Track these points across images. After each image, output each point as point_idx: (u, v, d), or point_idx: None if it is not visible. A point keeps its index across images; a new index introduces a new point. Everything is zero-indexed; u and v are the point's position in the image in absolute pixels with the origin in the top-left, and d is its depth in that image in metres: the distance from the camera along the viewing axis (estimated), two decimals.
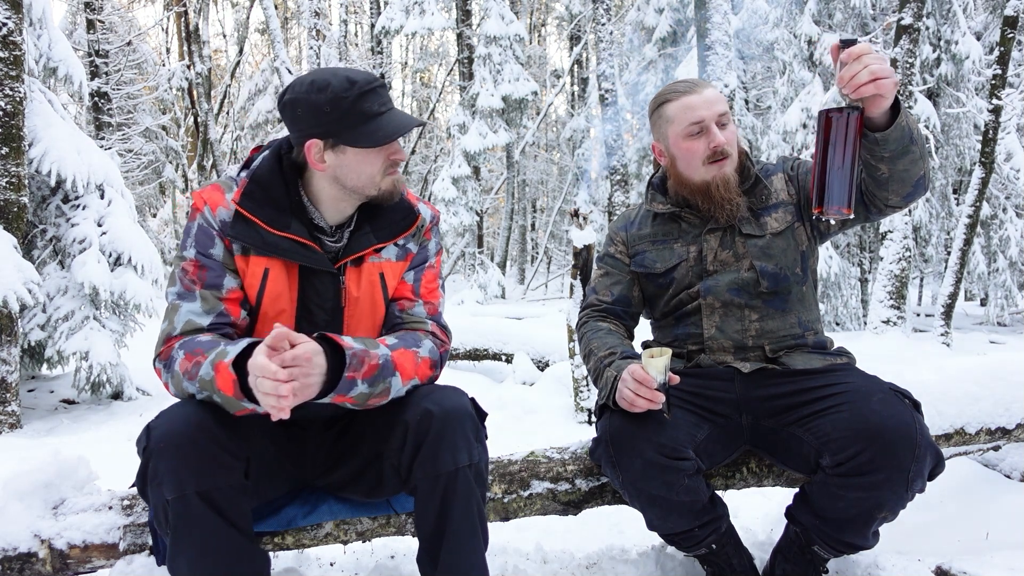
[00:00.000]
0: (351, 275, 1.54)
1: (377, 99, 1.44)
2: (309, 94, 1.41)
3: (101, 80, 12.94)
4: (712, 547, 1.76)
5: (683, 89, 1.76)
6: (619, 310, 1.91)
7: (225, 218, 1.47)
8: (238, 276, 1.48)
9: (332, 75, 1.43)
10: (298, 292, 1.50)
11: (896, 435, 1.47)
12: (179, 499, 1.29)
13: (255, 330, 1.52)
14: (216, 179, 1.62)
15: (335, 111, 1.40)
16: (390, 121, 1.45)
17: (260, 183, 1.49)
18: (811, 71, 9.86)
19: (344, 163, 1.46)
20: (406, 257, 1.62)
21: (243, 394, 1.30)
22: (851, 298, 10.51)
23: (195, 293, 1.45)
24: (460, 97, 15.14)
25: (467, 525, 1.42)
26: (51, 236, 4.74)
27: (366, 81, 1.43)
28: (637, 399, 1.56)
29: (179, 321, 1.44)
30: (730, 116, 1.76)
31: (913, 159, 1.52)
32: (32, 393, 5.06)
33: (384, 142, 1.43)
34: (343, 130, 1.42)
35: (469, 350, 5.97)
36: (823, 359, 1.74)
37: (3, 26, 4.17)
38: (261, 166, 1.51)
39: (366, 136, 1.42)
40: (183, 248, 1.48)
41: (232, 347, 1.34)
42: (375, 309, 1.58)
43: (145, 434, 1.35)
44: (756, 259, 1.75)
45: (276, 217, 1.47)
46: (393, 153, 1.49)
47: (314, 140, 1.44)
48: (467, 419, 1.46)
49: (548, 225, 21.54)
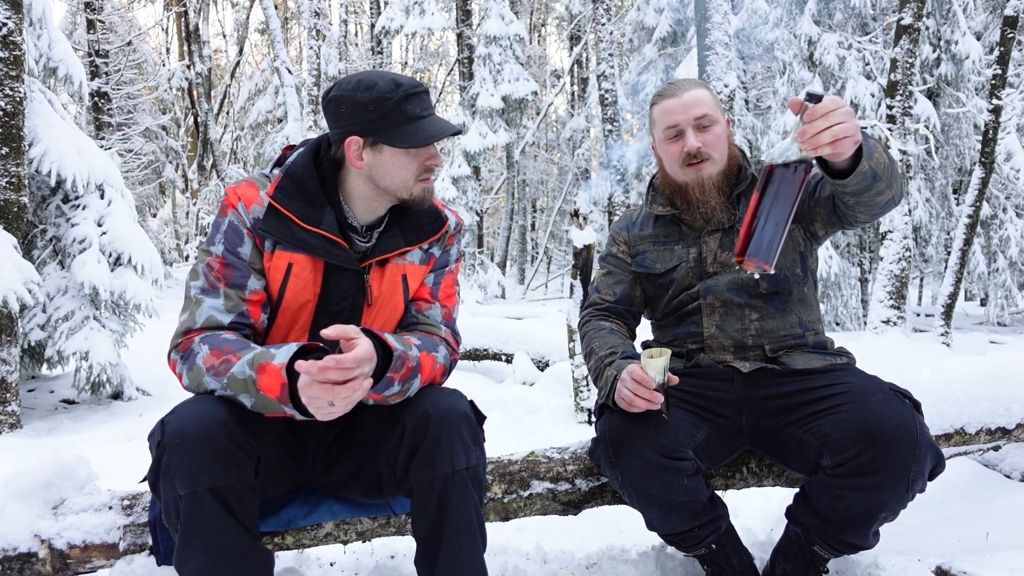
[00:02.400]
0: (374, 275, 1.56)
1: (420, 103, 1.47)
2: (355, 92, 1.44)
3: (101, 80, 12.94)
4: (712, 547, 1.76)
5: (666, 92, 1.79)
6: (621, 309, 1.91)
7: (258, 215, 1.49)
8: (263, 277, 1.49)
9: (380, 77, 1.46)
10: (321, 288, 1.51)
11: (896, 435, 1.47)
12: (191, 495, 1.29)
13: (275, 323, 1.52)
14: (249, 175, 1.64)
15: (378, 110, 1.43)
16: (431, 125, 1.47)
17: (294, 177, 1.50)
18: (811, 71, 9.87)
19: (380, 163, 1.48)
20: (428, 261, 1.64)
21: (289, 398, 1.31)
22: (851, 298, 10.51)
23: (219, 291, 1.46)
24: (460, 97, 15.14)
25: (465, 528, 1.42)
26: (51, 236, 4.75)
27: (411, 85, 1.47)
28: (635, 399, 1.56)
29: (200, 316, 1.44)
30: (715, 118, 1.75)
31: (878, 191, 1.52)
32: (32, 393, 5.06)
33: (423, 144, 1.46)
34: (384, 129, 1.45)
35: (469, 350, 5.97)
36: (823, 359, 1.74)
37: (3, 26, 4.17)
38: (296, 162, 1.53)
39: (406, 137, 1.45)
40: (211, 243, 1.48)
41: (278, 350, 1.34)
42: (394, 310, 1.60)
43: (159, 428, 1.35)
44: None
45: (309, 212, 1.48)
46: (429, 158, 1.51)
47: (354, 137, 1.46)
48: (464, 422, 1.45)
49: (548, 225, 21.55)
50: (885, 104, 7.76)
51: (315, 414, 1.29)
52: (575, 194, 18.51)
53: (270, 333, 1.55)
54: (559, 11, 20.48)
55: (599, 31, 10.06)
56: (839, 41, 9.62)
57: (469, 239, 14.42)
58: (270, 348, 1.36)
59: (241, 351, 1.37)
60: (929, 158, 9.85)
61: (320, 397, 1.25)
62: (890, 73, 7.57)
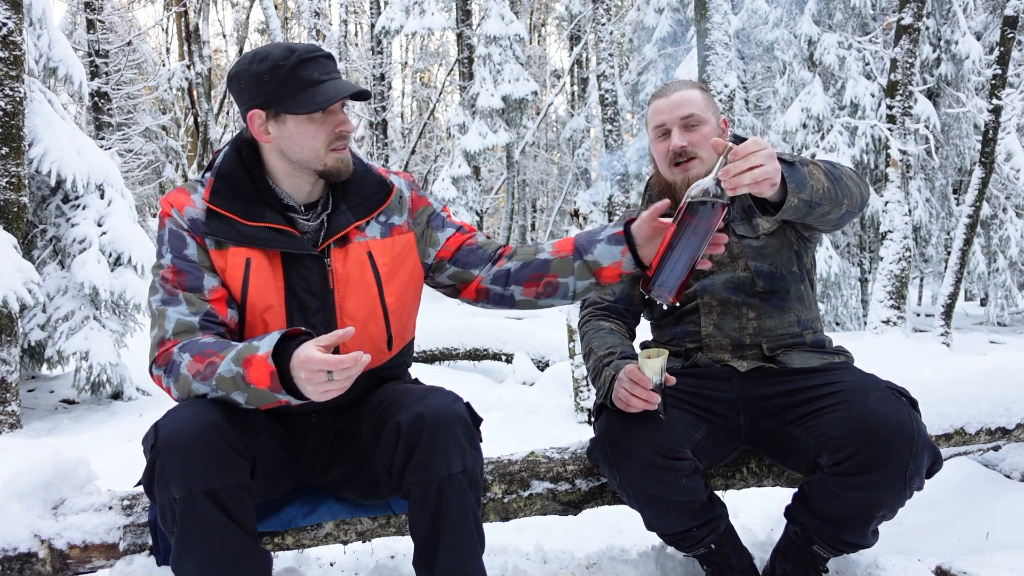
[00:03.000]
0: (337, 256, 1.53)
1: (318, 67, 1.43)
2: (251, 64, 1.42)
3: (101, 80, 12.94)
4: (711, 547, 1.75)
5: (658, 93, 1.81)
6: (621, 308, 1.92)
7: (195, 216, 1.47)
8: (216, 274, 1.47)
9: (275, 46, 1.44)
10: (284, 280, 1.49)
11: (893, 433, 1.47)
12: (186, 498, 1.28)
13: (246, 324, 1.50)
14: (182, 183, 1.64)
15: (274, 79, 1.40)
16: (330, 88, 1.42)
17: (225, 179, 1.49)
18: (811, 71, 9.87)
19: (287, 134, 1.45)
20: (392, 232, 1.60)
21: (281, 385, 1.29)
22: (851, 298, 10.51)
23: (179, 296, 1.44)
24: (460, 97, 15.14)
25: (462, 530, 1.41)
26: (51, 236, 4.75)
27: (306, 50, 1.43)
28: (632, 399, 1.56)
29: (169, 324, 1.43)
30: (703, 118, 1.74)
31: (823, 213, 1.55)
32: (32, 393, 5.06)
33: (322, 106, 1.41)
34: (282, 98, 1.41)
35: (469, 350, 5.98)
36: (820, 358, 1.74)
37: (3, 26, 4.17)
38: (224, 163, 1.52)
39: (304, 102, 1.41)
40: (159, 256, 1.48)
41: (260, 341, 1.33)
42: (367, 289, 1.54)
43: (153, 432, 1.34)
44: (751, 259, 1.77)
45: (248, 210, 1.47)
46: (339, 125, 1.47)
47: (256, 110, 1.44)
48: (460, 424, 1.43)
49: (548, 225, 21.54)
50: (885, 104, 7.77)
51: (312, 395, 1.27)
52: (575, 194, 18.51)
53: (244, 335, 1.52)
54: (559, 11, 20.47)
55: (599, 31, 10.05)
56: (839, 41, 9.61)
57: None
58: (252, 341, 1.35)
59: (223, 351, 1.36)
60: (929, 158, 9.85)
61: (319, 372, 1.24)
62: (890, 73, 7.57)
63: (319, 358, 1.24)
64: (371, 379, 1.61)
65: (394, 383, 1.66)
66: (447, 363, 6.11)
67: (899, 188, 7.54)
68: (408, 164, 20.90)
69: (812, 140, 9.28)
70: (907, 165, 7.51)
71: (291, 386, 1.29)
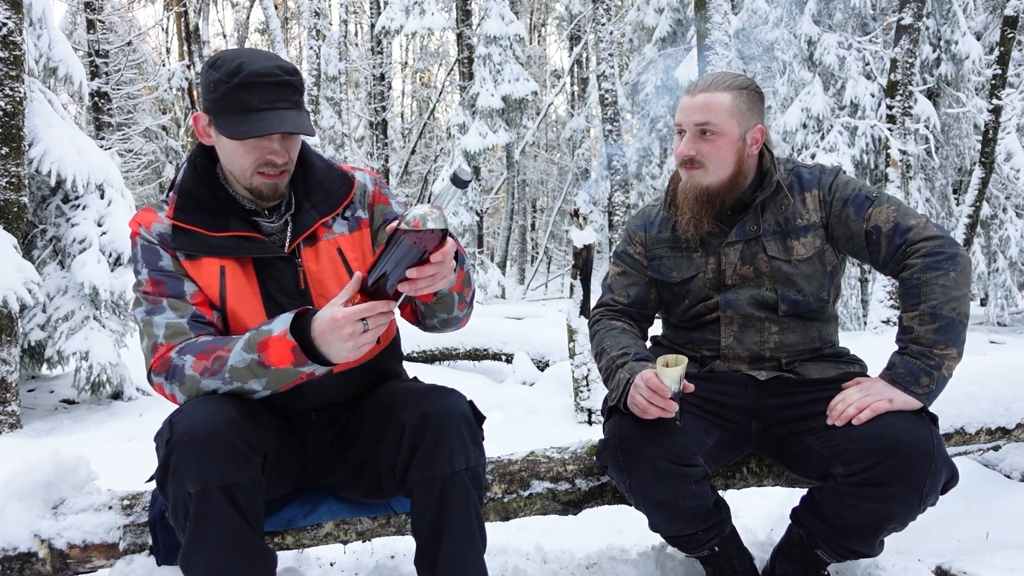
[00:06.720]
0: (308, 256, 1.53)
1: (261, 94, 1.36)
2: (209, 69, 1.41)
3: (101, 80, 12.93)
4: (715, 549, 1.75)
5: (690, 87, 1.73)
6: (635, 312, 1.87)
7: (163, 231, 1.48)
8: (194, 282, 1.48)
9: (233, 58, 1.39)
10: (259, 284, 1.49)
11: (913, 449, 1.45)
12: (201, 493, 1.28)
13: (229, 330, 1.50)
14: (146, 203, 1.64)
15: (216, 91, 1.39)
16: (262, 119, 1.36)
17: (187, 194, 1.49)
18: (811, 71, 9.86)
19: (220, 144, 1.45)
20: (360, 226, 1.59)
21: (306, 357, 1.30)
22: (851, 298, 10.49)
23: (163, 304, 1.45)
24: (460, 97, 15.14)
25: (465, 529, 1.41)
26: (51, 236, 4.75)
27: (255, 72, 1.36)
28: (649, 407, 1.54)
29: (158, 329, 1.43)
30: (720, 129, 1.64)
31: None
32: (32, 393, 5.06)
33: (237, 138, 1.37)
34: (218, 112, 1.40)
35: (469, 350, 5.97)
36: (837, 368, 1.72)
37: (3, 26, 4.16)
38: (184, 179, 1.51)
39: (230, 125, 1.37)
40: (137, 274, 1.48)
41: (270, 325, 1.34)
42: (341, 285, 1.52)
43: (168, 427, 1.33)
44: (780, 284, 1.70)
45: (213, 221, 1.47)
46: (270, 153, 1.41)
47: (201, 112, 1.45)
48: (463, 422, 1.44)
49: (548, 225, 21.56)
50: (885, 104, 7.77)
51: (350, 354, 1.28)
52: (575, 194, 18.51)
53: None
54: (559, 11, 20.47)
55: (599, 31, 10.05)
56: (839, 41, 9.61)
57: (469, 239, 14.41)
58: (261, 327, 1.35)
59: (228, 344, 1.36)
60: (929, 158, 9.85)
61: (356, 324, 1.25)
62: (890, 73, 7.57)
63: (348, 311, 1.26)
64: (367, 374, 1.61)
65: (396, 381, 1.67)
66: (447, 363, 6.11)
67: (899, 188, 7.54)
68: (408, 164, 20.90)
69: (812, 140, 9.27)
70: (907, 165, 7.51)
71: (315, 355, 1.31)
